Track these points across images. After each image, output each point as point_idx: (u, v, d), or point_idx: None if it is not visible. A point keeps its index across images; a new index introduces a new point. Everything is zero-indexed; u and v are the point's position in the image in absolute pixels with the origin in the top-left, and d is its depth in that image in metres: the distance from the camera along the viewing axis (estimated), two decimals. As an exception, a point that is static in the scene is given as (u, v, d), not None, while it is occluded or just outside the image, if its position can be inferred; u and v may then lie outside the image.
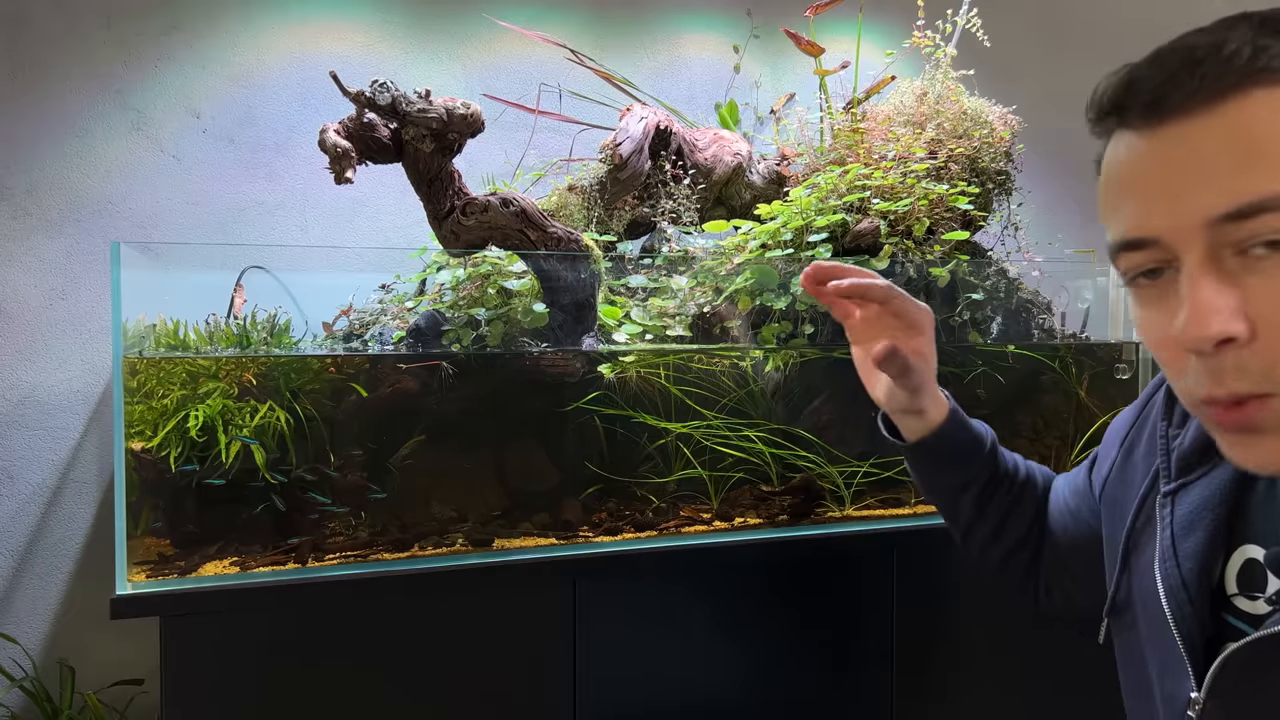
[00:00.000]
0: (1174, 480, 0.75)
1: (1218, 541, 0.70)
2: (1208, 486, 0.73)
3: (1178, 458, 0.76)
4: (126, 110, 1.81)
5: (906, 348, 0.93)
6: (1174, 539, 0.73)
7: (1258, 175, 0.53)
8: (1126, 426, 0.88)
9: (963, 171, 1.67)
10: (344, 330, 1.58)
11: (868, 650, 1.51)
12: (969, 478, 0.99)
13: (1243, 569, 0.69)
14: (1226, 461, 0.69)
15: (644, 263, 1.62)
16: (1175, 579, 0.71)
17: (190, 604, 1.23)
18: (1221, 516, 0.70)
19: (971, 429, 0.99)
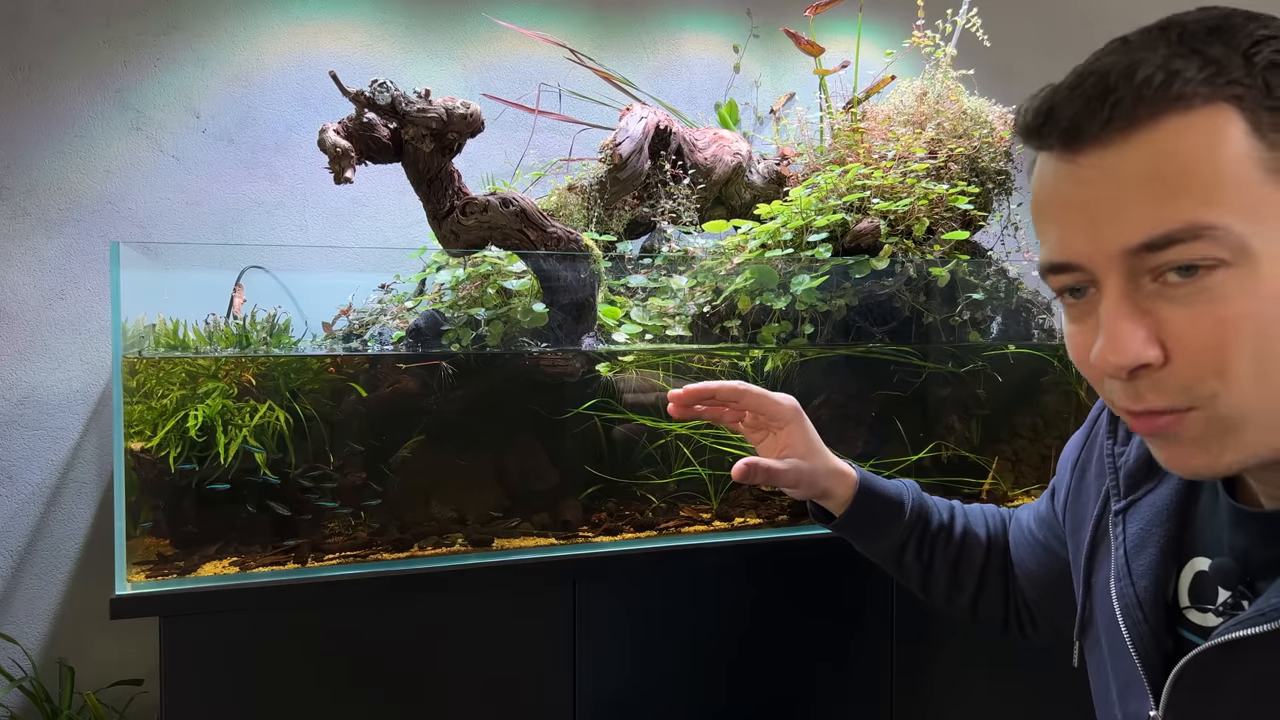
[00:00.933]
0: (1124, 498, 0.76)
1: (1169, 557, 0.71)
2: (1156, 501, 0.73)
3: (1125, 475, 0.76)
4: (126, 110, 1.81)
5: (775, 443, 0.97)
6: (1127, 557, 0.73)
7: (1170, 207, 0.55)
8: (1077, 450, 0.89)
9: (963, 171, 1.67)
10: (344, 330, 1.58)
11: (868, 651, 1.51)
12: (901, 539, 1.01)
13: (1194, 581, 0.69)
14: (1171, 476, 0.72)
15: (644, 263, 1.62)
16: (1130, 598, 0.71)
17: (190, 604, 1.23)
18: (1171, 532, 0.71)
19: (886, 495, 1.00)
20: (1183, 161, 0.54)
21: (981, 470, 1.67)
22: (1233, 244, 0.54)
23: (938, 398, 1.65)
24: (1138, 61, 0.56)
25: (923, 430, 1.63)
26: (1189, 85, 0.54)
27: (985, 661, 1.58)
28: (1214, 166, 0.54)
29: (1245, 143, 0.54)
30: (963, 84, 1.76)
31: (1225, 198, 0.54)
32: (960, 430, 1.66)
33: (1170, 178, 0.55)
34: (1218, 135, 0.54)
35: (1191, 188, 0.54)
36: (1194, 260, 0.55)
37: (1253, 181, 0.54)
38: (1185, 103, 0.54)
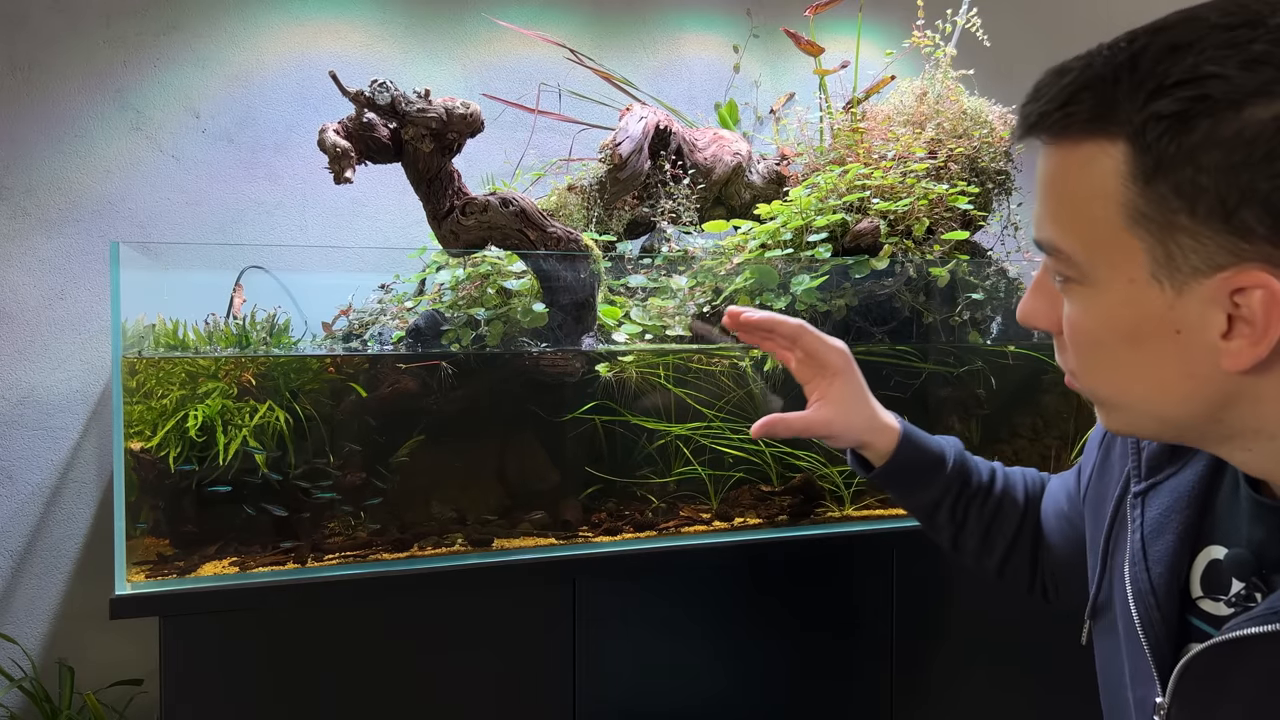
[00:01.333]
0: (1144, 480, 0.76)
1: (1185, 544, 0.70)
2: (1176, 487, 0.73)
3: (1147, 457, 0.76)
4: (126, 110, 1.81)
5: (818, 389, 0.99)
6: (1144, 542, 0.73)
7: (1045, 220, 0.61)
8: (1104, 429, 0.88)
9: (962, 171, 1.67)
10: (343, 330, 1.58)
11: (867, 650, 1.51)
12: (938, 496, 1.00)
13: (1207, 570, 0.69)
14: (1196, 461, 0.72)
15: (644, 263, 1.62)
16: (1144, 583, 0.71)
17: (189, 604, 1.23)
18: (1190, 519, 0.71)
19: (928, 450, 1.00)
20: (1058, 185, 0.60)
21: (981, 470, 1.67)
22: (1076, 269, 0.60)
23: (937, 398, 1.65)
24: (1063, 80, 0.58)
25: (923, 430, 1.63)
26: (1074, 120, 0.57)
27: (985, 661, 1.58)
28: (1076, 198, 0.58)
29: (1113, 183, 0.56)
30: (963, 84, 1.76)
31: (1077, 228, 0.59)
32: (960, 430, 1.66)
33: (1049, 193, 0.61)
34: (1088, 171, 0.57)
35: (1057, 211, 0.60)
36: (1055, 269, 0.62)
37: (1108, 222, 0.57)
38: (1071, 135, 0.58)
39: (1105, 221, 0.57)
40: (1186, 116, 0.52)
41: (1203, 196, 0.53)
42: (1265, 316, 0.53)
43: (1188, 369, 0.58)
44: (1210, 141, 0.52)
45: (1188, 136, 0.52)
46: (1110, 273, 0.58)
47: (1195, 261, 0.54)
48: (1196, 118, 0.52)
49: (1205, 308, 0.55)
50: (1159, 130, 0.53)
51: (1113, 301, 0.59)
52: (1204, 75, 0.52)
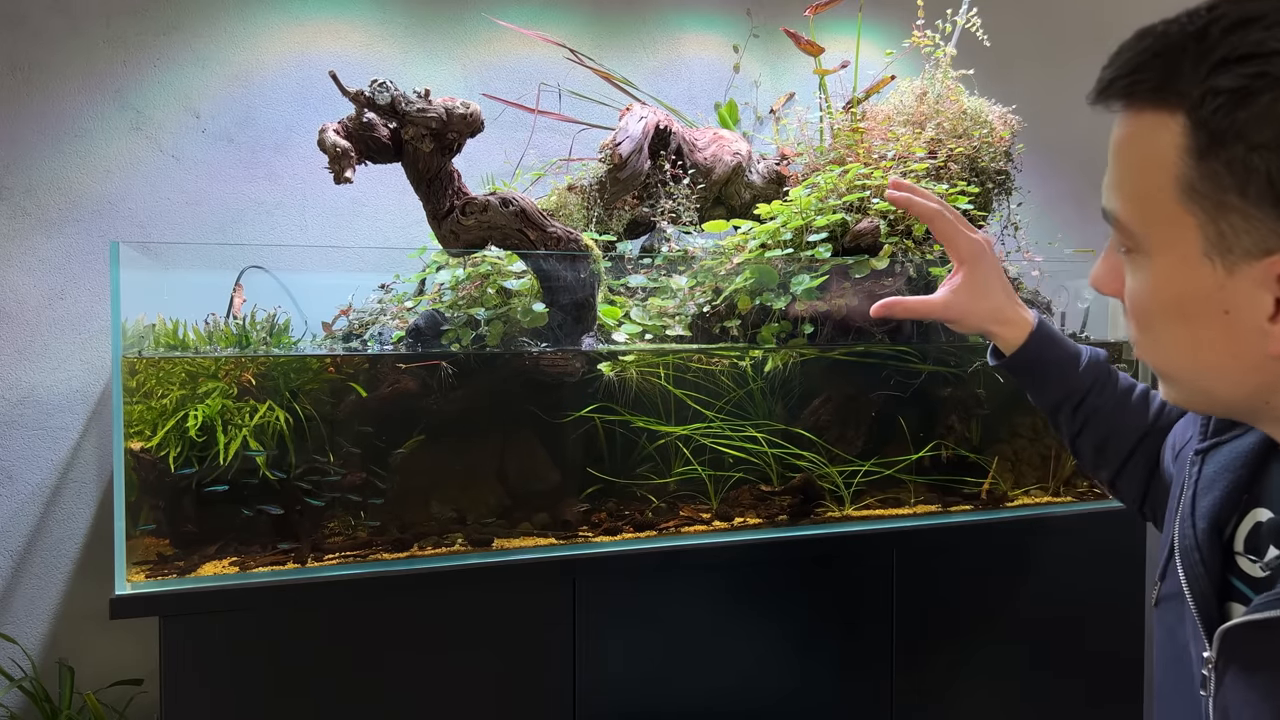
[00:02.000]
0: (1208, 439, 0.76)
1: (1230, 502, 0.71)
2: (1236, 448, 0.73)
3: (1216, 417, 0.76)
4: (126, 110, 1.81)
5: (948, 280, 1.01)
6: (1195, 497, 0.73)
7: (1108, 188, 0.62)
8: None
9: (962, 171, 1.67)
10: (343, 330, 1.58)
11: (868, 650, 1.51)
12: (1059, 396, 1.01)
13: (1251, 531, 0.69)
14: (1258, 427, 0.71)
15: (644, 262, 1.62)
16: (1190, 538, 0.71)
17: (190, 604, 1.23)
18: (1241, 479, 0.71)
19: (1058, 351, 1.01)
20: (1124, 153, 0.60)
21: (981, 470, 1.67)
22: (1133, 239, 0.60)
23: (938, 398, 1.65)
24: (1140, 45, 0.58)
25: (923, 430, 1.63)
26: (1141, 88, 0.57)
27: (985, 660, 1.58)
28: (1136, 168, 0.59)
29: (1170, 156, 0.56)
30: (963, 84, 1.76)
31: (1134, 199, 0.59)
32: (960, 430, 1.66)
33: (1118, 163, 0.61)
34: (1149, 142, 0.57)
35: (1120, 180, 0.60)
36: (1115, 237, 0.63)
37: (1164, 195, 0.57)
38: (1136, 104, 0.58)
39: (1162, 194, 0.57)
40: (1245, 93, 0.51)
41: (1254, 177, 0.52)
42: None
43: (1234, 349, 0.58)
44: (1265, 120, 0.51)
45: (1243, 113, 0.51)
46: (1164, 246, 0.58)
47: (1246, 243, 0.54)
48: (1254, 95, 0.51)
49: (1255, 290, 0.55)
50: (1216, 104, 0.53)
51: (1165, 275, 0.59)
52: (1268, 51, 0.51)
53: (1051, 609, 1.61)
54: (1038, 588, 1.61)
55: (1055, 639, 1.62)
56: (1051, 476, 1.72)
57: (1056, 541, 1.63)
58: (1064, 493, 1.72)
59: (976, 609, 1.58)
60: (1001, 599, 1.60)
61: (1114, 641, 1.66)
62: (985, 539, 1.59)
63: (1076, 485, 1.73)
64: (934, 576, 1.55)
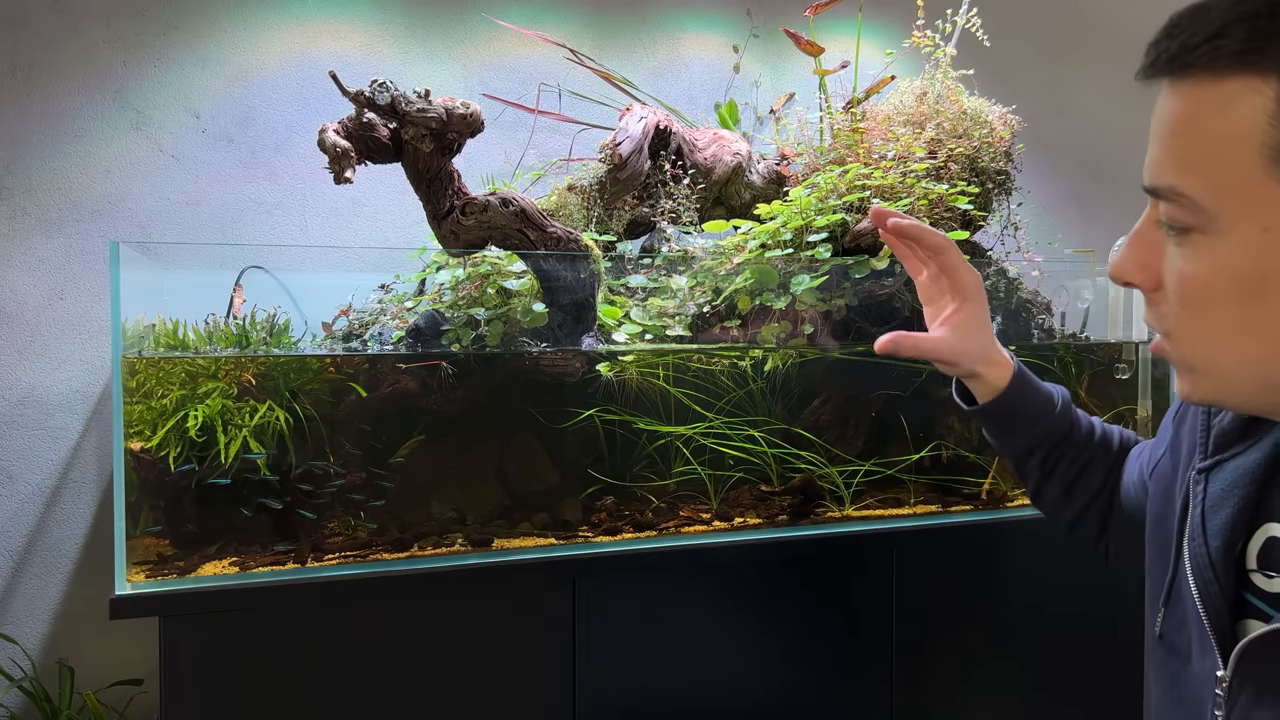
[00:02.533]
0: (1210, 457, 0.74)
1: (1243, 518, 0.69)
2: (1242, 464, 0.72)
3: (1217, 434, 0.75)
4: (126, 110, 1.81)
5: (942, 312, 0.96)
6: (1204, 516, 0.72)
7: (1165, 163, 0.58)
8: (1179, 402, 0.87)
9: (962, 171, 1.67)
10: (343, 330, 1.58)
11: (868, 650, 1.51)
12: (1034, 442, 0.98)
13: (1264, 546, 0.68)
14: (1263, 440, 0.70)
15: (643, 263, 1.62)
16: (1202, 557, 0.70)
17: (190, 604, 1.23)
18: (1250, 494, 0.70)
19: (1036, 394, 0.98)
20: (1188, 125, 0.56)
21: (981, 470, 1.67)
22: (1201, 216, 0.56)
23: (937, 398, 1.65)
24: (1210, 14, 0.55)
25: (923, 430, 1.63)
26: (1221, 53, 0.54)
27: (985, 660, 1.58)
28: (1211, 138, 0.55)
29: (1258, 123, 0.53)
30: (963, 84, 1.76)
31: (1208, 171, 0.55)
32: (960, 430, 1.66)
33: (1175, 136, 0.57)
34: (1229, 110, 0.54)
35: (1182, 152, 0.56)
36: (1168, 217, 0.58)
37: (1246, 164, 0.54)
38: (1215, 70, 0.54)
39: (1244, 164, 0.54)
40: None
41: None
42: None
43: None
44: None
45: None
46: (1242, 221, 0.55)
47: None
48: None
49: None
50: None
51: (1240, 252, 0.56)
52: None
53: (1052, 609, 1.61)
54: (1038, 588, 1.61)
55: (1055, 639, 1.62)
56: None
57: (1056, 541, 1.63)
58: (1064, 493, 1.72)
59: (977, 609, 1.57)
60: (1001, 599, 1.60)
61: (1115, 641, 1.66)
62: (985, 539, 1.59)
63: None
64: (934, 577, 1.55)
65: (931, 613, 1.55)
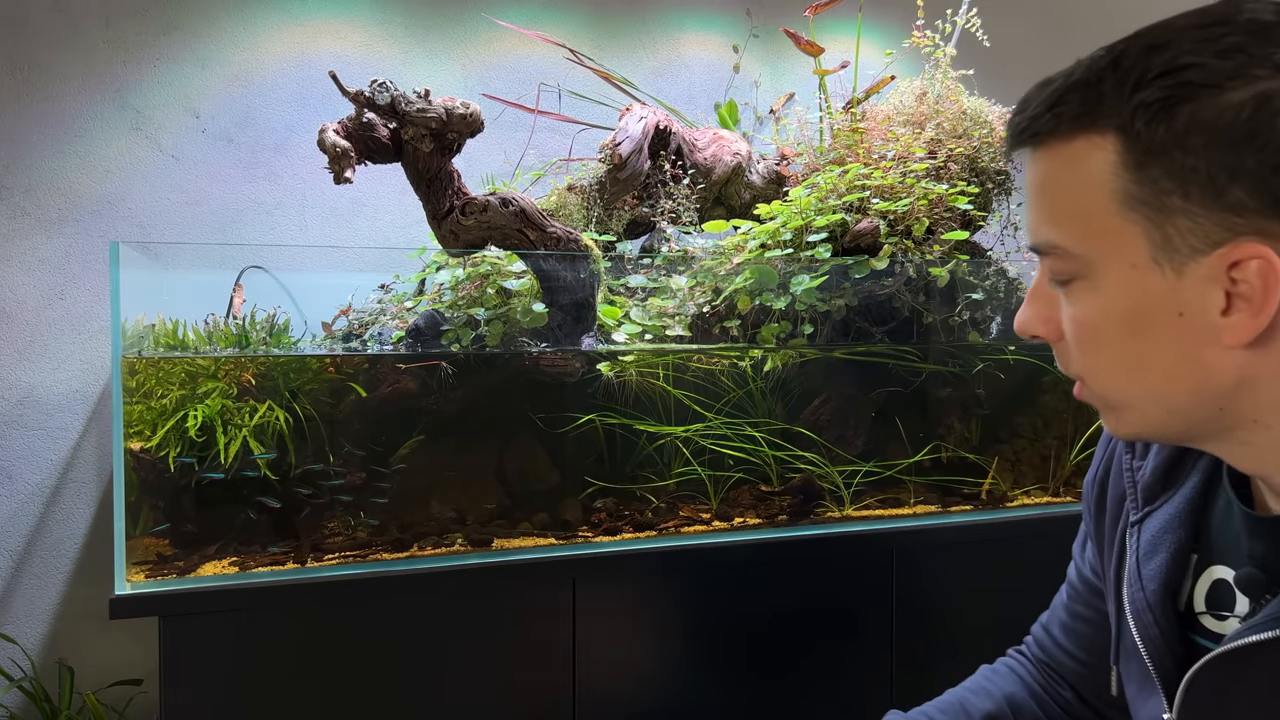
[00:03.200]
0: (1140, 509, 0.77)
1: (1180, 561, 0.72)
2: (1169, 510, 0.74)
3: (1142, 487, 0.78)
4: (125, 110, 1.81)
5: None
6: (1139, 563, 0.74)
7: (1037, 222, 0.63)
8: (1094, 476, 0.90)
9: (962, 171, 1.67)
10: (343, 330, 1.58)
11: (868, 650, 1.51)
12: None
13: (1211, 589, 0.70)
14: (1186, 485, 0.74)
15: (643, 263, 1.62)
16: (1140, 601, 0.72)
17: (189, 604, 1.23)
18: (1183, 538, 0.72)
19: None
20: (1051, 185, 0.62)
21: (981, 470, 1.67)
22: (1077, 263, 0.61)
23: (937, 398, 1.65)
24: (1049, 88, 0.61)
25: (923, 430, 1.63)
26: (1063, 120, 0.60)
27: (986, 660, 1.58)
28: (1070, 194, 0.60)
29: (1105, 174, 0.58)
30: (962, 84, 1.76)
31: (1073, 222, 0.61)
32: (960, 430, 1.66)
33: (1042, 196, 0.62)
34: (1080, 166, 0.59)
35: (1049, 209, 0.62)
36: (1051, 270, 0.63)
37: (1105, 211, 0.59)
38: (1061, 135, 0.60)
39: (1102, 211, 0.59)
40: (1170, 102, 0.56)
41: (1193, 178, 0.55)
42: (1263, 285, 0.55)
43: (1193, 351, 0.59)
44: (1194, 125, 0.55)
45: (1173, 121, 0.56)
46: (1111, 261, 0.60)
47: (1193, 241, 0.57)
48: (1180, 103, 0.55)
49: (1205, 286, 0.57)
50: (1146, 117, 0.56)
51: (1116, 290, 0.60)
52: (1183, 65, 0.56)
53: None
54: (1038, 588, 1.61)
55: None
56: (1051, 477, 1.72)
57: (1057, 542, 1.63)
58: (1064, 493, 1.72)
59: (977, 609, 1.57)
60: (1002, 599, 1.60)
61: (1114, 642, 1.66)
62: (985, 539, 1.59)
63: (1076, 485, 1.73)
64: (934, 576, 1.55)
65: (931, 613, 1.55)
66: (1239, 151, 0.54)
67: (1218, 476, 0.72)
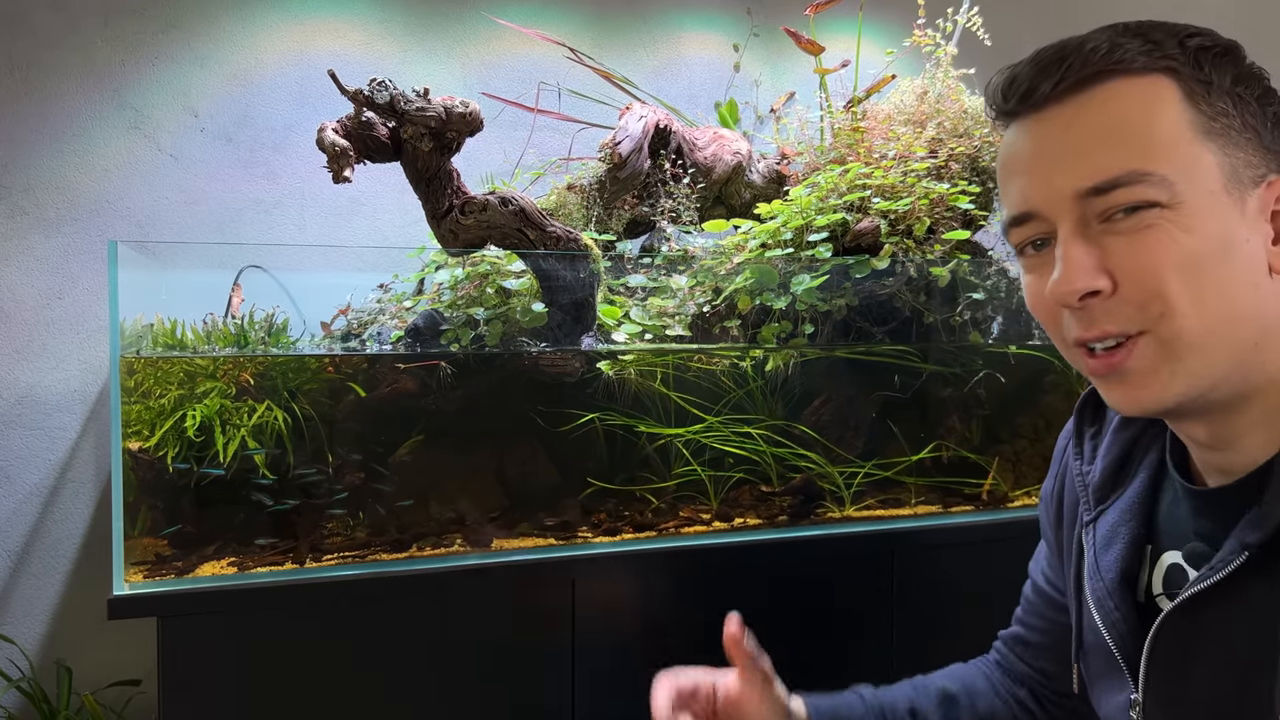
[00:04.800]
0: (1093, 509, 0.80)
1: (1135, 548, 0.75)
2: (1120, 505, 0.78)
3: (1093, 490, 0.81)
4: (124, 109, 1.80)
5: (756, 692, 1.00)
6: (1097, 556, 0.78)
7: (1115, 155, 0.63)
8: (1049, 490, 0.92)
9: (963, 170, 1.66)
10: (342, 330, 1.58)
11: (868, 651, 1.51)
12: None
13: (1167, 572, 0.73)
14: (1134, 481, 0.77)
15: (643, 262, 1.62)
16: (1101, 590, 0.75)
17: (188, 604, 1.23)
18: (1136, 528, 0.75)
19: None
20: (1126, 118, 0.64)
21: (982, 470, 1.67)
22: (1167, 189, 0.62)
23: (938, 398, 1.64)
24: (1088, 38, 0.66)
25: (923, 430, 1.63)
26: (1130, 54, 0.64)
27: (986, 662, 1.57)
28: (1151, 124, 0.63)
29: (1178, 107, 0.63)
30: (963, 83, 1.75)
31: (1160, 151, 0.63)
32: (961, 430, 1.66)
33: (1115, 131, 0.64)
34: (1154, 99, 0.63)
35: (1133, 141, 0.63)
36: (1136, 201, 0.63)
37: (1184, 140, 0.63)
38: (1127, 69, 0.64)
39: (1184, 140, 0.63)
40: (1209, 51, 0.64)
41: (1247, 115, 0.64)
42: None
43: (1253, 279, 0.63)
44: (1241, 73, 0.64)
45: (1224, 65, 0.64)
46: (1196, 188, 0.62)
47: (1250, 173, 0.63)
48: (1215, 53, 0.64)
49: (1259, 218, 0.63)
50: (1206, 59, 0.64)
51: (1203, 216, 0.62)
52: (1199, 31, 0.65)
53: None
54: (1038, 588, 1.60)
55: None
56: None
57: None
58: (1065, 493, 1.71)
59: (977, 610, 1.57)
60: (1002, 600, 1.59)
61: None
62: (986, 539, 1.58)
63: (1077, 485, 1.73)
64: (934, 577, 1.54)
65: (931, 613, 1.54)
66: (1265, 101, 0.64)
67: (1163, 472, 0.75)
